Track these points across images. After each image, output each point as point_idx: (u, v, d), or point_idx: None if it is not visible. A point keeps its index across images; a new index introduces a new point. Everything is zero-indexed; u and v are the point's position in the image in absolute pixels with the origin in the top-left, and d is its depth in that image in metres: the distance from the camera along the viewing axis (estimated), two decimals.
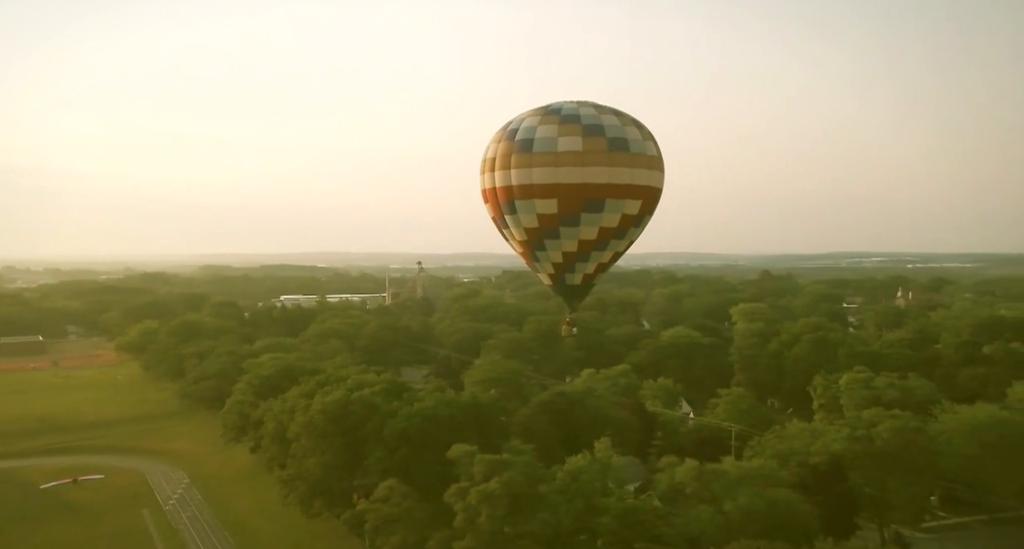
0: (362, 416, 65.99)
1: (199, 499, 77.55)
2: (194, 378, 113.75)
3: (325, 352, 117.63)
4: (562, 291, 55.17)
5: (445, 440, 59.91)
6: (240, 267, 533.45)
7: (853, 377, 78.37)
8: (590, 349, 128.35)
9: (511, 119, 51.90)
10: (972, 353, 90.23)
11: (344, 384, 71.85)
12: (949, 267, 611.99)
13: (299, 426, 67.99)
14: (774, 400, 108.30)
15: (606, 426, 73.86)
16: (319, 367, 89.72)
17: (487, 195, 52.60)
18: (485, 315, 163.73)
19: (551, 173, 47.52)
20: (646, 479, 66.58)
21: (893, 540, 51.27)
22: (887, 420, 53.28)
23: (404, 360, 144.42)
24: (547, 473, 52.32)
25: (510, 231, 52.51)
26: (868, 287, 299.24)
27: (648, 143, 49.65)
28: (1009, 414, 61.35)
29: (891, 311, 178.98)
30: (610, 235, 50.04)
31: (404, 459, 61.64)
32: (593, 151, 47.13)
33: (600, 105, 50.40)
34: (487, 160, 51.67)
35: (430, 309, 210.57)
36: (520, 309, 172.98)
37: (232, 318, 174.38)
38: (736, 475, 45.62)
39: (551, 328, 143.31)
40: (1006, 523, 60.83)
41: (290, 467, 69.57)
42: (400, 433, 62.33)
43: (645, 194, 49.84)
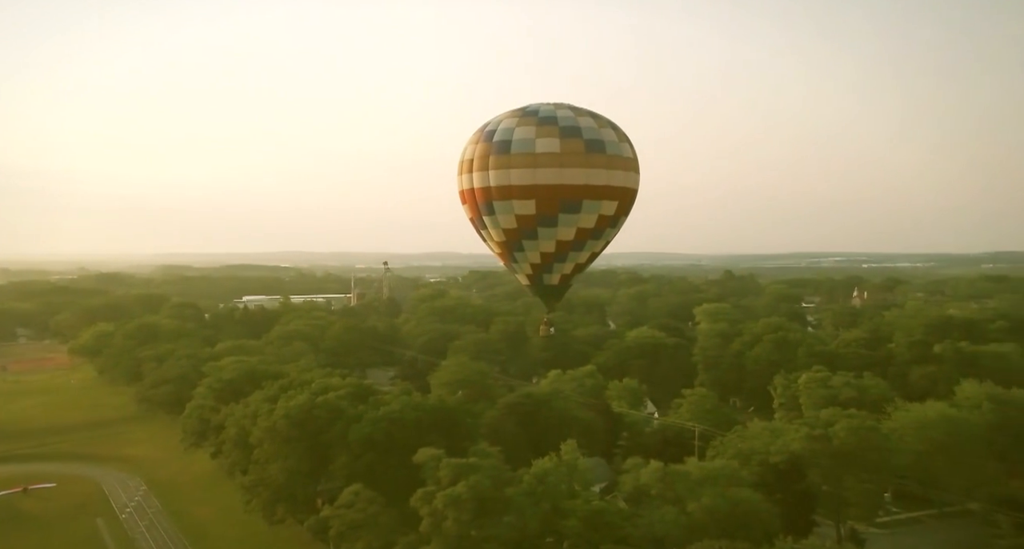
0: (327, 421, 65.18)
1: (157, 507, 75.60)
2: (152, 382, 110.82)
3: (289, 355, 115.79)
4: (540, 291, 55.73)
5: (411, 444, 59.61)
6: (200, 267, 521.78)
7: (812, 377, 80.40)
8: (557, 350, 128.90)
9: (488, 121, 52.16)
10: (923, 352, 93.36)
11: (308, 388, 70.84)
12: (902, 267, 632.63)
13: (262, 431, 66.79)
14: (736, 399, 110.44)
15: (572, 427, 74.34)
16: (283, 370, 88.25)
17: (465, 196, 52.71)
18: (452, 316, 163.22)
19: (529, 174, 47.97)
20: (612, 480, 67.26)
21: (849, 536, 52.79)
22: (843, 419, 54.88)
23: (370, 362, 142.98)
24: (514, 476, 52.45)
25: (488, 232, 52.74)
26: (826, 287, 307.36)
27: (624, 145, 50.44)
28: (957, 412, 63.72)
29: (847, 311, 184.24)
30: (587, 235, 50.71)
31: (369, 464, 61.09)
32: (571, 152, 47.69)
33: (577, 107, 50.93)
34: (464, 161, 51.78)
35: (396, 310, 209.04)
36: (487, 310, 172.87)
37: (192, 320, 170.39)
38: (699, 476, 46.40)
39: (518, 329, 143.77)
40: (955, 517, 63.15)
41: (252, 473, 68.28)
42: (366, 438, 61.74)
43: (621, 195, 50.63)
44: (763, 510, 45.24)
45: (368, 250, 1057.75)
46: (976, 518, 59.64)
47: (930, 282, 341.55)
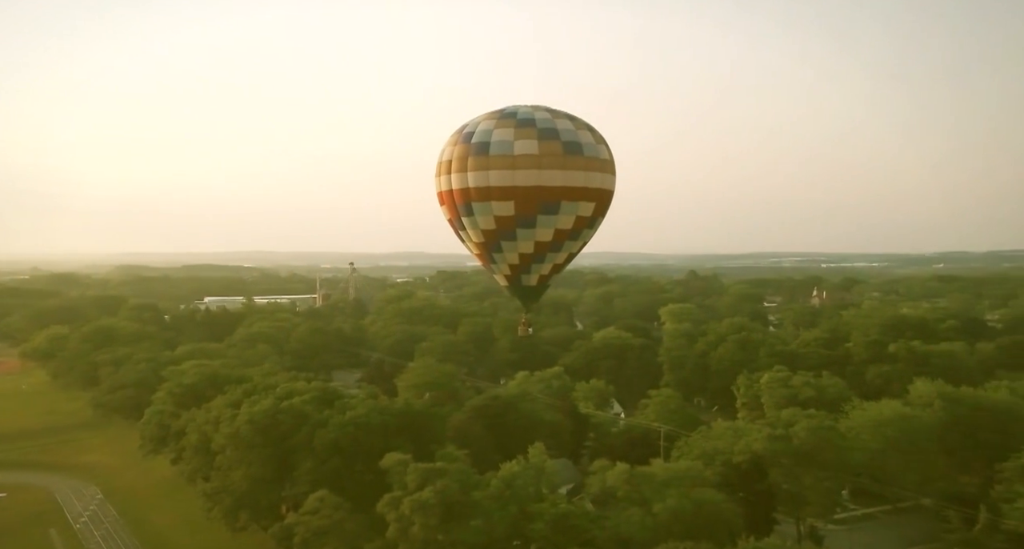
0: (292, 426, 64.19)
1: (114, 515, 73.55)
2: (109, 387, 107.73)
3: (252, 358, 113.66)
4: (518, 292, 56.16)
5: (378, 448, 59.19)
6: (160, 267, 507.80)
7: (773, 376, 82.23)
8: (524, 351, 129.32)
9: (466, 122, 52.26)
10: (879, 351, 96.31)
11: (273, 393, 69.69)
12: (858, 267, 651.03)
13: (224, 437, 65.47)
14: (700, 399, 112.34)
15: (540, 429, 74.71)
16: (246, 374, 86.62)
17: (443, 197, 52.74)
18: (419, 317, 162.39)
19: (508, 176, 48.34)
20: (579, 481, 67.84)
21: (808, 534, 54.22)
22: (803, 420, 56.32)
23: (336, 364, 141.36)
24: (481, 480, 52.49)
25: (467, 233, 52.84)
26: (787, 287, 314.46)
27: (601, 147, 51.15)
28: (910, 410, 65.85)
29: (807, 310, 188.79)
30: (565, 236, 51.23)
31: (335, 469, 60.38)
32: (549, 154, 48.15)
33: (554, 109, 51.40)
34: (443, 163, 51.83)
35: (363, 311, 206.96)
36: (455, 311, 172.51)
37: (151, 322, 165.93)
38: (664, 477, 47.10)
39: (486, 330, 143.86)
40: (908, 512, 65.32)
41: (214, 480, 66.94)
42: (331, 443, 61.01)
43: (598, 196, 51.28)
44: (726, 510, 46.15)
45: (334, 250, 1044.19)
46: (928, 513, 61.84)
47: (885, 282, 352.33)
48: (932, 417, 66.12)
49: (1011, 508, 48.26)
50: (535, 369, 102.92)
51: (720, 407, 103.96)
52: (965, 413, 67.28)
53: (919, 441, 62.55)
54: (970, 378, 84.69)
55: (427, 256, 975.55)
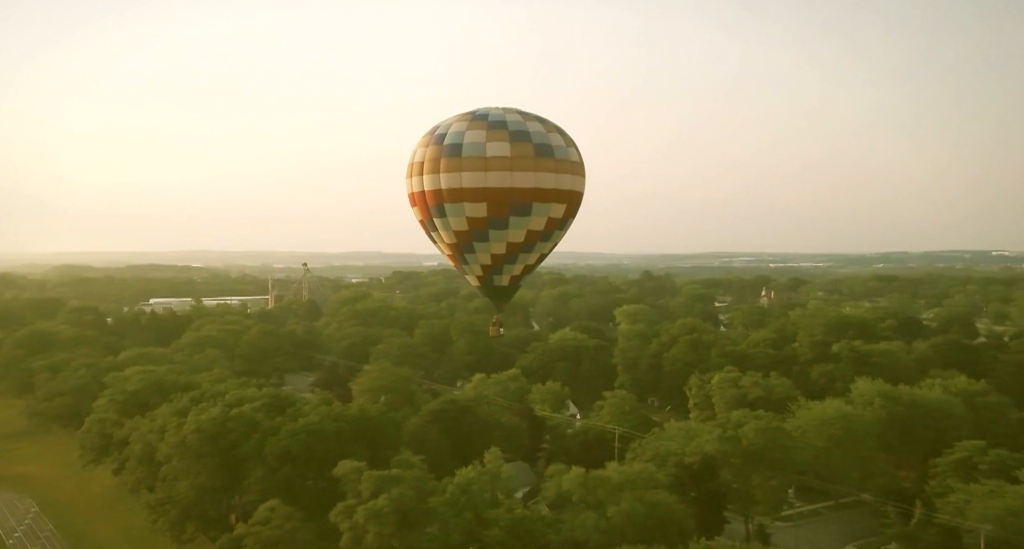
0: (241, 434, 62.65)
1: (50, 529, 70.35)
2: (45, 394, 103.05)
3: (200, 363, 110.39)
4: (489, 293, 56.62)
5: (331, 456, 58.33)
6: (102, 267, 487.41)
7: (723, 377, 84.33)
8: (481, 353, 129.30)
9: (437, 124, 52.54)
10: (823, 351, 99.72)
11: (222, 400, 67.91)
12: (804, 267, 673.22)
13: (170, 447, 63.46)
14: (654, 399, 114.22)
15: (496, 433, 74.78)
16: (193, 381, 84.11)
17: (415, 198, 52.92)
18: (374, 319, 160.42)
19: (480, 177, 48.78)
20: (534, 484, 68.17)
21: (756, 533, 55.77)
22: (752, 421, 57.92)
23: (288, 367, 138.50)
24: (437, 486, 52.28)
25: (439, 234, 53.09)
26: (736, 287, 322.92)
27: (571, 149, 52.03)
28: (852, 409, 68.40)
29: (756, 310, 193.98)
30: (536, 238, 51.97)
31: (287, 478, 59.23)
32: (521, 156, 48.79)
33: (525, 112, 52.13)
34: (415, 164, 51.99)
35: (316, 313, 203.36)
36: (411, 312, 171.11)
37: (92, 326, 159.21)
38: (619, 480, 47.76)
39: (442, 332, 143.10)
40: (850, 507, 67.90)
41: (159, 490, 64.82)
42: (283, 451, 59.79)
43: (569, 198, 52.11)
44: (678, 511, 47.11)
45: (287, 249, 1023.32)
46: (868, 508, 64.33)
47: (829, 281, 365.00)
48: (872, 415, 68.78)
49: (944, 502, 50.63)
50: (492, 371, 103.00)
51: (673, 407, 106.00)
52: (902, 411, 70.23)
53: (860, 439, 65.01)
54: (907, 377, 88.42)
55: (383, 256, 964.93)
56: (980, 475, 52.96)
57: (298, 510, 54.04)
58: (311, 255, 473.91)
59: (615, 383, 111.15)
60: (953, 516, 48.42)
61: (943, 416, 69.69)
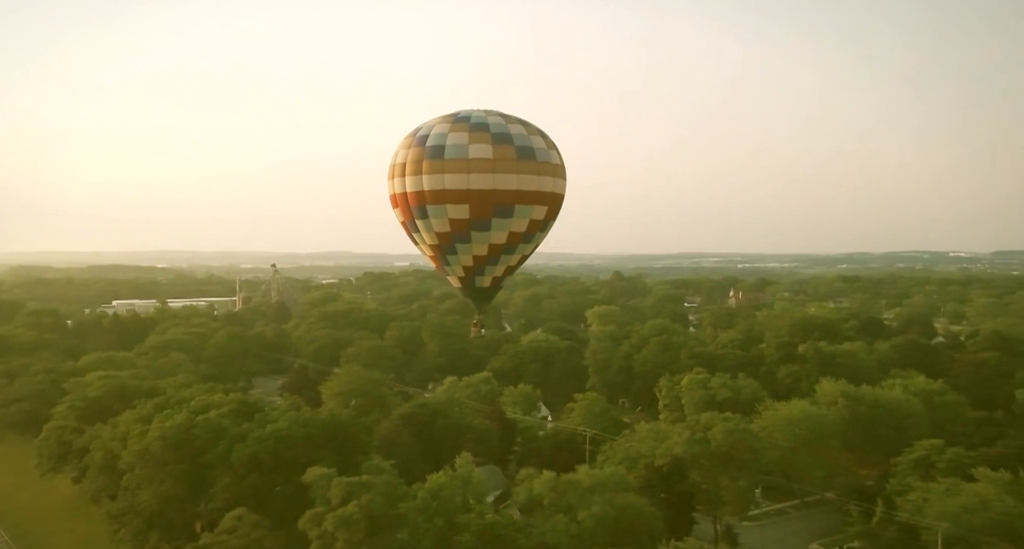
0: (207, 441, 61.40)
1: (5, 541, 68.13)
2: (2, 401, 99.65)
3: (165, 368, 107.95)
4: (471, 293, 57.15)
5: (300, 462, 57.53)
6: (62, 268, 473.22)
7: (692, 378, 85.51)
8: (452, 355, 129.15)
9: (419, 125, 52.30)
10: (789, 352, 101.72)
11: (187, 406, 66.54)
12: (771, 267, 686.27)
13: (133, 455, 61.89)
14: (625, 400, 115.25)
15: (467, 436, 74.79)
16: (158, 386, 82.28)
17: (397, 200, 52.61)
18: (345, 321, 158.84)
19: (463, 179, 48.91)
20: (506, 487, 68.25)
21: (724, 533, 56.68)
22: (721, 423, 58.80)
23: (256, 370, 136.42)
24: (408, 491, 51.98)
25: (421, 235, 53.01)
26: (706, 287, 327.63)
27: (552, 152, 52.51)
28: (817, 409, 70.00)
29: (725, 311, 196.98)
30: (518, 239, 52.36)
31: (254, 485, 58.23)
32: (503, 159, 49.02)
33: (507, 114, 52.17)
34: (396, 165, 51.64)
35: (286, 315, 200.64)
36: (382, 314, 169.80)
37: (52, 329, 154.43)
38: (589, 484, 48.09)
39: (414, 334, 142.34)
40: (814, 506, 69.45)
41: (122, 499, 63.24)
42: (250, 458, 58.75)
43: (551, 200, 52.45)
44: (648, 514, 47.64)
45: (255, 249, 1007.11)
46: (832, 507, 65.89)
47: (795, 282, 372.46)
48: (836, 415, 70.47)
49: (903, 501, 52.08)
50: (464, 374, 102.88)
51: (643, 408, 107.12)
52: (864, 411, 72.09)
53: (824, 438, 66.56)
54: (869, 377, 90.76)
55: (353, 256, 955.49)
56: (938, 473, 54.62)
57: (266, 518, 53.20)
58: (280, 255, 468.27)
59: (586, 385, 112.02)
60: (912, 514, 49.85)
61: (903, 415, 71.71)
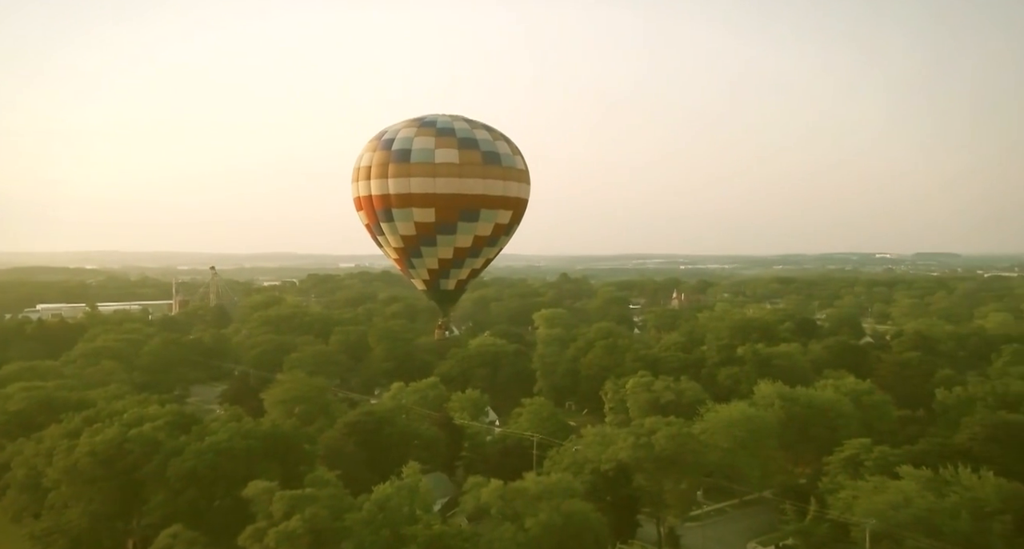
0: (141, 455, 58.95)
1: None
2: None
3: (95, 377, 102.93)
4: (436, 296, 58.36)
5: (241, 475, 55.85)
6: None
7: (637, 381, 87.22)
8: (399, 360, 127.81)
9: (384, 129, 52.73)
10: (729, 354, 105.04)
11: (119, 419, 63.69)
12: (711, 268, 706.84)
13: (59, 472, 58.81)
14: (572, 402, 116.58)
15: (414, 443, 74.23)
16: (87, 398, 78.46)
17: (361, 203, 52.96)
18: (288, 325, 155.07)
19: (429, 183, 49.55)
20: (453, 494, 68.07)
21: (668, 535, 58.12)
22: (664, 427, 60.23)
23: (194, 378, 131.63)
24: (353, 503, 51.18)
25: (385, 238, 53.63)
26: (650, 289, 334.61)
27: (517, 157, 53.54)
28: (755, 410, 72.43)
29: (668, 313, 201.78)
30: (483, 243, 53.61)
31: (192, 500, 56.26)
32: (469, 163, 49.85)
33: (472, 120, 52.59)
34: (361, 168, 51.96)
35: (225, 319, 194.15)
36: (327, 318, 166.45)
37: None
38: (537, 491, 48.47)
39: (360, 339, 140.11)
40: (753, 504, 71.98)
41: (46, 519, 59.93)
42: (188, 472, 56.70)
43: (515, 205, 53.98)
44: (593, 519, 48.36)
45: (193, 249, 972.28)
46: (769, 505, 68.42)
47: (734, 283, 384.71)
48: (773, 416, 73.05)
49: (835, 498, 54.57)
50: (411, 379, 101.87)
51: (590, 410, 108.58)
52: (799, 411, 74.97)
53: (762, 439, 68.94)
54: (804, 378, 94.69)
55: (296, 257, 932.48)
56: (866, 471, 57.36)
57: (203, 535, 51.45)
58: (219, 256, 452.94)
59: (534, 388, 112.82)
60: (842, 512, 52.26)
61: (835, 415, 74.92)
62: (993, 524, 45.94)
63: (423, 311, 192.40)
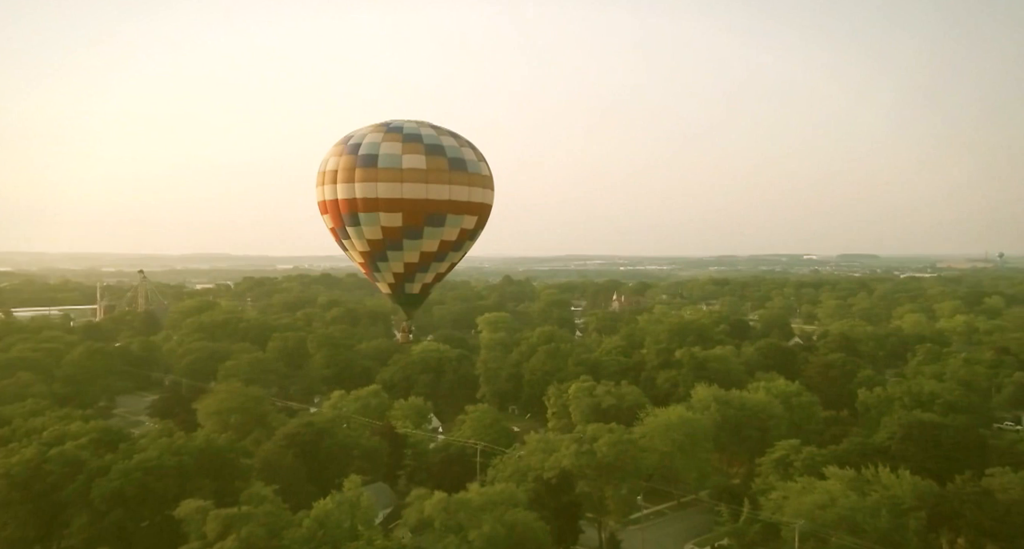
0: (62, 476, 55.92)
1: None
2: None
3: (10, 391, 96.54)
4: (400, 300, 58.93)
5: (172, 494, 53.82)
6: None
7: (579, 386, 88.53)
8: (340, 367, 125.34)
9: (350, 133, 53.40)
10: (667, 358, 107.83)
11: (37, 437, 60.21)
12: (650, 270, 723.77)
13: None
14: (515, 407, 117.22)
15: (355, 453, 73.01)
16: (1, 414, 73.80)
17: (327, 206, 53.34)
18: (222, 332, 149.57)
19: (396, 188, 50.39)
20: (396, 505, 67.36)
21: (608, 539, 59.20)
22: (606, 434, 61.40)
23: (121, 388, 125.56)
24: (292, 519, 49.96)
25: (351, 242, 53.92)
26: (591, 291, 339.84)
27: (482, 164, 54.81)
28: (692, 414, 74.67)
29: (609, 316, 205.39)
30: (449, 247, 54.46)
31: (118, 522, 53.67)
32: (436, 169, 50.86)
33: (438, 126, 54.10)
34: (327, 172, 52.32)
35: (155, 325, 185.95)
36: (263, 324, 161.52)
37: None
38: (480, 502, 48.56)
39: (298, 345, 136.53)
40: (689, 506, 74.10)
41: None
42: (114, 492, 54.07)
43: (480, 210, 54.93)
44: (536, 528, 48.80)
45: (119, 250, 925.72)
46: (705, 506, 70.62)
47: (672, 285, 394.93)
48: (709, 419, 75.51)
49: (766, 499, 56.88)
50: (352, 386, 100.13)
51: (533, 415, 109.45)
52: (733, 413, 77.79)
53: (699, 442, 71.14)
54: (738, 380, 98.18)
55: (231, 258, 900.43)
56: (795, 472, 60.02)
57: None
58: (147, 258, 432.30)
59: (477, 394, 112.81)
60: (773, 512, 54.54)
61: (766, 417, 78.10)
62: (909, 521, 48.91)
63: (364, 316, 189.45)
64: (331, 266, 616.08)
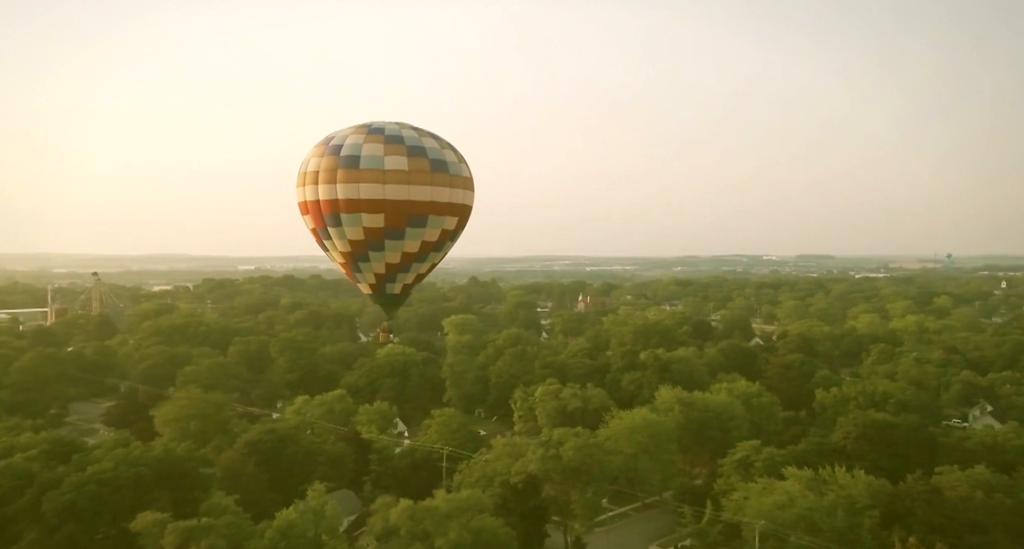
0: (11, 489, 53.89)
1: None
2: None
3: None
4: (382, 300, 58.84)
5: (129, 506, 52.33)
6: None
7: (545, 389, 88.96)
8: (303, 370, 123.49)
9: (331, 134, 53.10)
10: (632, 360, 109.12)
11: None
12: (615, 270, 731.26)
13: None
14: (481, 410, 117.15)
15: (320, 461, 72.04)
16: None
17: (308, 207, 53.09)
18: (181, 336, 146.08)
19: (379, 189, 50.47)
20: (361, 512, 66.65)
21: (575, 543, 59.65)
22: (571, 438, 61.75)
23: (74, 395, 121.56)
24: (254, 530, 49.11)
25: (332, 243, 53.65)
26: (557, 292, 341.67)
27: (462, 165, 55.09)
28: (656, 416, 75.70)
29: (574, 317, 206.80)
30: (430, 248, 54.64)
31: (71, 537, 51.88)
32: (418, 171, 51.01)
33: (419, 128, 54.22)
34: (308, 173, 52.04)
35: (110, 329, 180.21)
36: (224, 327, 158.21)
37: None
38: (446, 510, 48.42)
39: (260, 349, 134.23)
40: (653, 507, 75.05)
41: None
42: (66, 506, 52.24)
43: (460, 211, 55.22)
44: (503, 534, 48.88)
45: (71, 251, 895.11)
46: (668, 507, 71.68)
47: (636, 285, 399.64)
48: (672, 421, 76.59)
49: (728, 500, 58.03)
50: (316, 391, 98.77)
51: (499, 418, 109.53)
52: (696, 415, 79.04)
53: (663, 443, 72.14)
54: (700, 381, 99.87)
55: (189, 259, 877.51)
56: (756, 472, 61.32)
57: None
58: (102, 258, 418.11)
59: (443, 398, 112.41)
60: (734, 513, 55.69)
61: (728, 418, 79.56)
62: (863, 519, 50.47)
63: (328, 318, 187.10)
64: (294, 267, 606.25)
